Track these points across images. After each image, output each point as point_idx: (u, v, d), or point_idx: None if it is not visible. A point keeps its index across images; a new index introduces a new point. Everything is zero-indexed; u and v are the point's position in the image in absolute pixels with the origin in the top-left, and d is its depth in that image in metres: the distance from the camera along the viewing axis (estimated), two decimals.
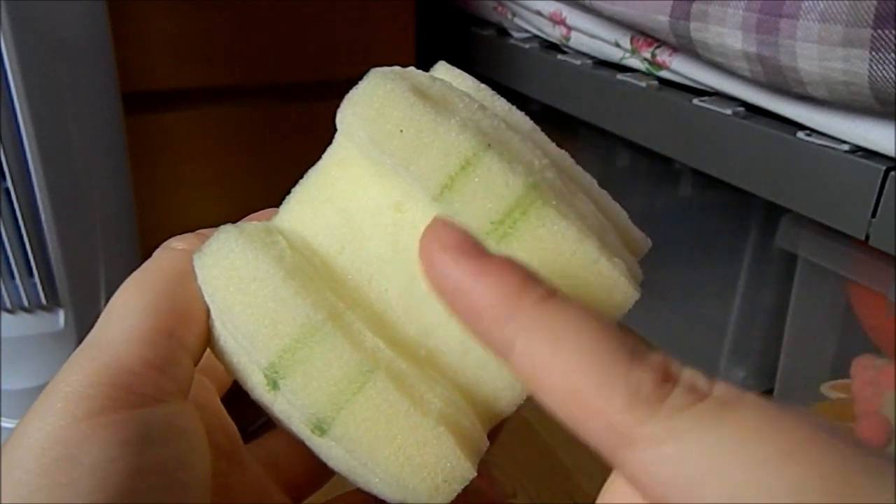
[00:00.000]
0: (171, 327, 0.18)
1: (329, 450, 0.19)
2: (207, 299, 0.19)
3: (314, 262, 0.19)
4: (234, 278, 0.18)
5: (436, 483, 0.17)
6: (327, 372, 0.17)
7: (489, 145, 0.17)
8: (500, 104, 0.21)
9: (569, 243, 0.17)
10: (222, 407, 0.23)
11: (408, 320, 0.19)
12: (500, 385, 0.19)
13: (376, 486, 0.18)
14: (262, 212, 0.24)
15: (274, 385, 0.18)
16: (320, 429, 0.17)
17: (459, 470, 0.17)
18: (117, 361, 0.17)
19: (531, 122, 0.21)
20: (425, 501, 0.17)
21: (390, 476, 0.17)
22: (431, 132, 0.17)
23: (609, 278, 0.17)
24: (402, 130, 0.17)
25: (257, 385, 0.19)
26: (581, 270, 0.17)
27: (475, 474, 0.17)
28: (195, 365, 0.19)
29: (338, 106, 0.21)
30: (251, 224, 0.20)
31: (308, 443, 0.19)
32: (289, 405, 0.18)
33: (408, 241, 0.18)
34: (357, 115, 0.18)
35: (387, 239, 0.19)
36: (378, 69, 0.20)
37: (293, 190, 0.21)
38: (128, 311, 0.18)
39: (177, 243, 0.20)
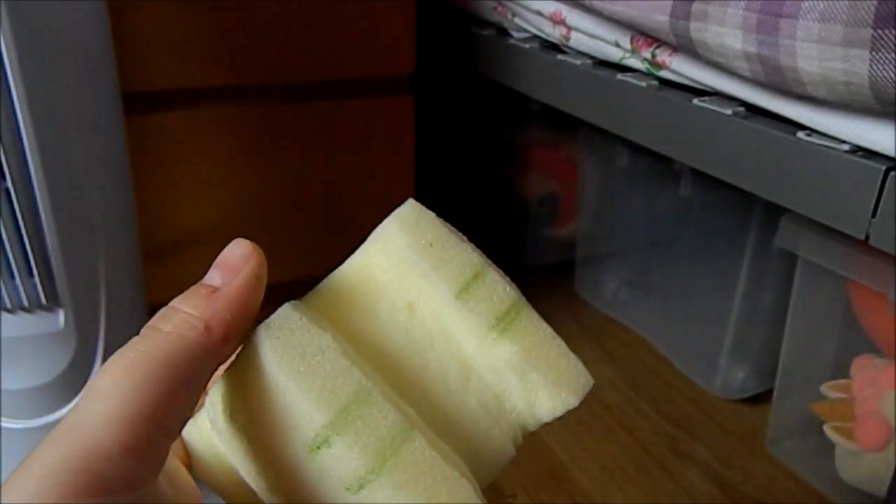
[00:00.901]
0: (153, 412, 0.18)
1: None
2: (260, 373, 0.21)
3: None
4: (299, 349, 0.21)
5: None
6: (377, 430, 0.20)
7: (489, 263, 0.24)
8: None
9: (549, 335, 0.24)
10: (189, 477, 0.23)
11: (419, 398, 0.23)
12: (489, 453, 0.23)
13: None
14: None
15: (325, 442, 0.20)
16: (360, 484, 0.20)
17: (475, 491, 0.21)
18: (95, 446, 0.17)
19: None
20: None
21: None
22: (453, 248, 0.23)
23: (574, 364, 0.24)
24: (432, 245, 0.23)
25: (266, 463, 0.21)
26: (556, 356, 0.24)
27: None
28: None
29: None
30: (304, 307, 0.23)
31: None
32: (335, 462, 0.20)
33: (418, 334, 0.23)
34: (401, 228, 0.23)
35: (401, 332, 0.23)
36: (411, 201, 0.25)
37: (318, 287, 0.25)
38: (110, 394, 0.18)
39: (163, 325, 0.20)
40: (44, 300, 0.52)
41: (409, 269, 0.23)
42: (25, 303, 0.51)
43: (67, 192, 0.50)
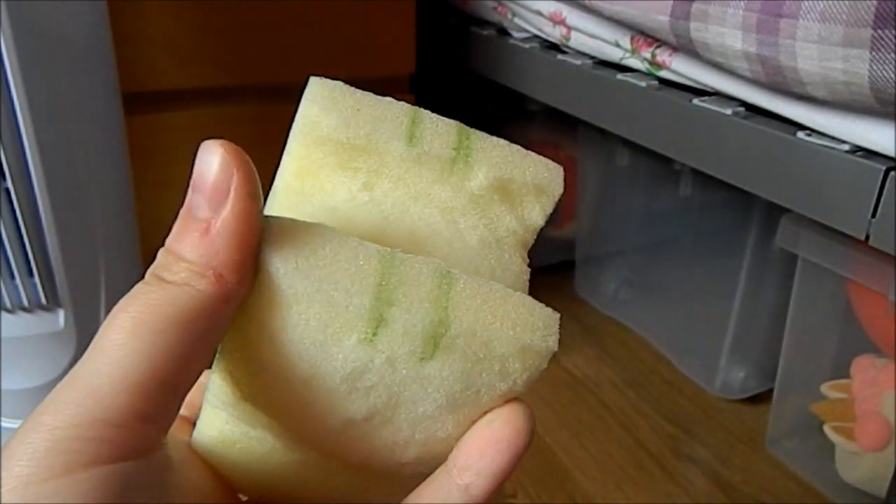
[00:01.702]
0: (167, 375, 0.17)
1: (431, 381, 0.19)
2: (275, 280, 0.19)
3: None
4: (306, 250, 0.19)
5: (547, 334, 0.20)
6: (422, 284, 0.19)
7: (417, 107, 0.22)
8: None
9: (505, 144, 0.23)
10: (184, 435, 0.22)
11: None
12: (511, 283, 0.22)
13: (482, 376, 0.20)
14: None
15: (381, 321, 0.19)
16: (435, 341, 0.19)
17: (554, 318, 0.20)
18: (105, 413, 0.16)
19: None
20: (545, 352, 0.20)
21: (510, 346, 0.20)
22: (378, 104, 0.22)
23: (539, 159, 0.23)
24: (359, 110, 0.21)
25: (334, 361, 0.19)
26: (521, 160, 0.23)
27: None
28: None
29: None
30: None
31: (411, 374, 0.19)
32: (398, 338, 0.19)
33: (388, 206, 0.22)
34: (323, 108, 0.22)
35: (370, 213, 0.22)
36: (313, 78, 0.23)
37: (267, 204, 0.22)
38: (121, 354, 0.16)
39: (169, 275, 0.18)
40: (44, 300, 0.52)
41: (349, 147, 0.22)
42: (25, 303, 0.51)
43: (67, 192, 0.50)
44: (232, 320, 0.19)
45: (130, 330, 0.17)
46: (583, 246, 0.99)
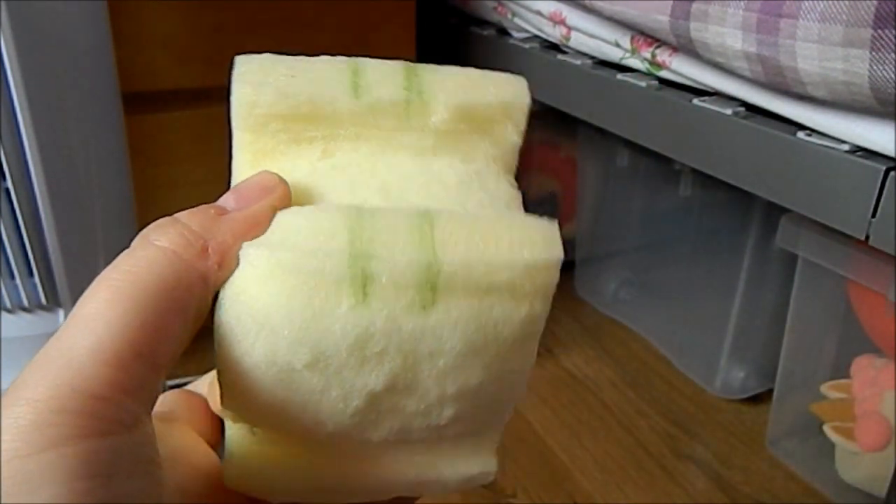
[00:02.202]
0: (144, 346, 0.16)
1: (442, 329, 0.18)
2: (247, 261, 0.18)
3: None
4: (273, 229, 0.18)
5: (549, 244, 0.18)
6: (399, 230, 0.18)
7: (355, 59, 0.21)
8: None
9: (455, 71, 0.22)
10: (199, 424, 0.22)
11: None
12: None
13: (496, 310, 0.18)
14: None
15: (365, 279, 0.17)
16: (431, 285, 0.17)
17: (551, 226, 0.19)
18: (85, 384, 0.15)
19: None
20: (553, 263, 0.18)
21: (513, 269, 0.18)
22: (313, 66, 0.20)
23: (497, 74, 0.22)
24: (293, 76, 0.20)
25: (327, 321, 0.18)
26: (480, 80, 0.22)
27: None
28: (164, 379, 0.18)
29: None
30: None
31: (412, 326, 0.18)
32: (392, 285, 0.17)
33: (354, 169, 0.20)
34: (256, 85, 0.20)
35: (338, 180, 0.20)
36: (238, 57, 0.21)
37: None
38: (99, 325, 0.16)
39: (158, 237, 0.18)
40: (44, 300, 0.52)
41: (294, 117, 0.20)
42: (25, 303, 0.51)
43: (67, 192, 0.50)
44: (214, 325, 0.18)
45: (108, 299, 0.17)
46: (583, 246, 0.99)
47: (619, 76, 0.67)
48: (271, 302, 0.17)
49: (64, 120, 0.49)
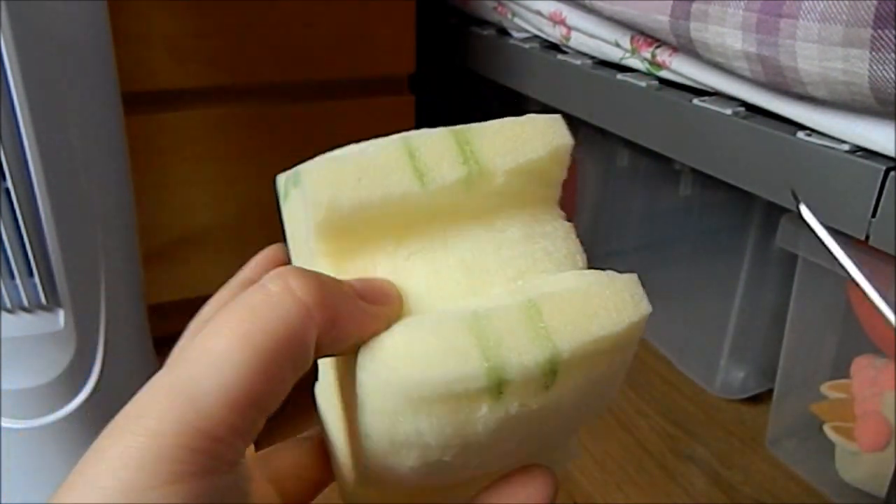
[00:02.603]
0: (261, 392, 0.17)
1: (560, 401, 0.20)
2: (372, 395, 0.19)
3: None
4: (404, 346, 0.19)
5: (637, 300, 0.21)
6: (516, 328, 0.19)
7: (404, 136, 0.21)
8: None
9: (501, 128, 0.22)
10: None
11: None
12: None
13: (603, 366, 0.21)
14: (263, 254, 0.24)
15: (499, 384, 0.19)
16: (552, 368, 0.19)
17: (633, 280, 0.21)
18: (208, 425, 0.16)
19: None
20: (644, 317, 0.21)
21: (613, 331, 0.20)
22: (372, 160, 0.21)
23: (541, 123, 0.23)
24: (360, 179, 0.20)
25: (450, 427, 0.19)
26: (524, 132, 0.23)
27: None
28: None
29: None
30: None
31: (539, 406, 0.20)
32: (522, 382, 0.19)
33: (434, 254, 0.21)
34: (330, 197, 0.20)
35: (421, 268, 0.21)
36: (299, 171, 0.22)
37: None
38: (227, 367, 0.17)
39: (301, 289, 0.18)
40: (44, 300, 0.52)
41: (370, 219, 0.21)
42: (25, 303, 0.51)
43: (67, 192, 0.50)
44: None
45: (239, 343, 0.17)
46: (583, 246, 0.99)
47: (619, 76, 0.67)
48: (420, 427, 0.19)
49: (64, 120, 0.49)
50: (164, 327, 0.82)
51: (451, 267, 0.21)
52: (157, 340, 0.65)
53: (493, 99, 0.97)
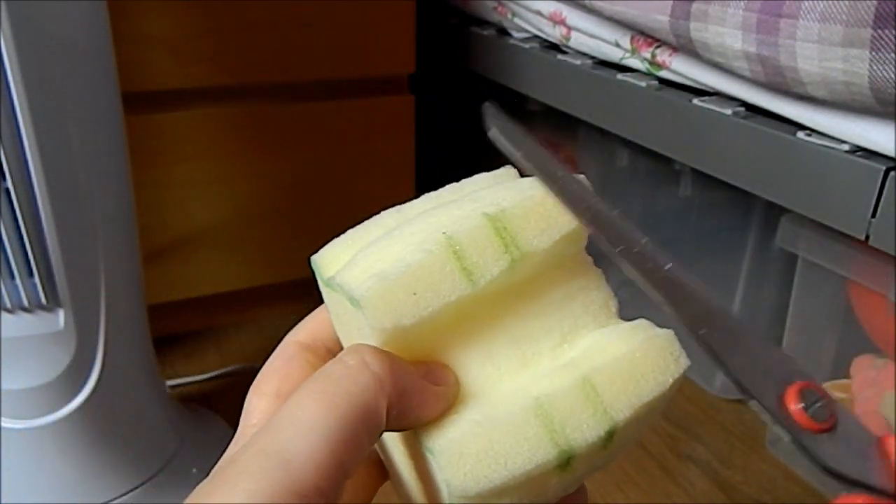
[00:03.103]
0: (344, 458, 0.19)
1: (613, 453, 0.23)
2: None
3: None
4: (481, 461, 0.21)
5: (675, 357, 0.23)
6: (576, 407, 0.21)
7: (447, 237, 0.22)
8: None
9: (529, 195, 0.23)
10: None
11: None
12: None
13: (650, 416, 0.23)
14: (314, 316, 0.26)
15: (568, 460, 0.21)
16: (610, 435, 0.21)
17: (670, 337, 0.23)
18: (296, 485, 0.18)
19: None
20: (683, 371, 0.23)
21: (660, 391, 0.22)
22: (419, 270, 0.21)
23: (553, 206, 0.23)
24: (415, 293, 0.21)
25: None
26: (548, 204, 0.23)
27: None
28: None
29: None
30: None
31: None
32: (587, 452, 0.21)
33: (484, 337, 0.23)
34: (393, 324, 0.21)
35: (478, 353, 0.23)
36: (360, 299, 0.22)
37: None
38: (313, 434, 0.19)
39: (375, 364, 0.20)
40: (44, 300, 0.52)
41: (426, 328, 0.22)
42: (25, 303, 0.51)
43: (67, 192, 0.50)
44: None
45: (325, 409, 0.19)
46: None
47: (619, 76, 0.67)
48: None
49: (64, 120, 0.49)
50: (164, 327, 0.82)
51: (501, 344, 0.23)
52: (157, 340, 0.65)
53: (493, 99, 0.97)
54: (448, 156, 1.08)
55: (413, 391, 0.21)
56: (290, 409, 0.19)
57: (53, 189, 0.49)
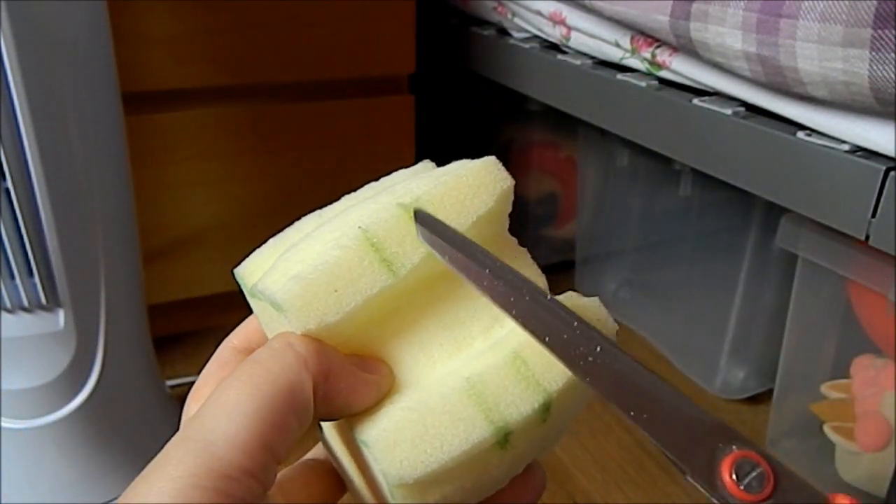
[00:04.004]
0: (271, 441, 0.19)
1: (554, 426, 0.22)
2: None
3: None
4: (412, 445, 0.21)
5: (604, 317, 0.25)
6: (509, 384, 0.21)
7: (363, 230, 0.22)
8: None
9: (440, 177, 0.23)
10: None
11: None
12: None
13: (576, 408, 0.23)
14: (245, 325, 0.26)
15: (506, 436, 0.21)
16: (546, 407, 0.21)
17: (596, 302, 0.25)
18: (220, 465, 0.18)
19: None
20: (613, 330, 0.24)
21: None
22: (337, 263, 0.21)
23: (482, 168, 0.23)
24: (336, 290, 0.21)
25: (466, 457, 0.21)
26: (463, 178, 0.23)
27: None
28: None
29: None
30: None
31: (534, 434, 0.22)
32: (524, 426, 0.21)
33: (418, 330, 0.23)
34: (312, 319, 0.21)
35: (409, 341, 0.23)
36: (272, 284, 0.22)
37: None
38: (236, 414, 0.19)
39: (299, 345, 0.21)
40: (44, 300, 0.52)
41: (349, 323, 0.22)
42: (25, 303, 0.51)
43: (67, 192, 0.50)
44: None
45: (247, 392, 0.19)
46: (583, 246, 0.99)
47: (619, 76, 0.67)
48: (445, 491, 0.21)
49: (64, 120, 0.49)
50: (164, 327, 0.82)
51: (432, 332, 0.23)
52: (157, 340, 0.65)
53: (494, 99, 0.97)
54: (448, 156, 1.08)
55: (341, 374, 0.21)
56: (215, 396, 0.20)
57: (53, 189, 0.49)
